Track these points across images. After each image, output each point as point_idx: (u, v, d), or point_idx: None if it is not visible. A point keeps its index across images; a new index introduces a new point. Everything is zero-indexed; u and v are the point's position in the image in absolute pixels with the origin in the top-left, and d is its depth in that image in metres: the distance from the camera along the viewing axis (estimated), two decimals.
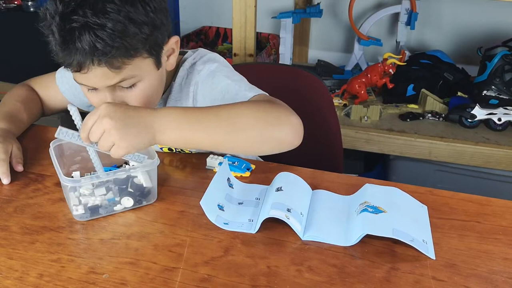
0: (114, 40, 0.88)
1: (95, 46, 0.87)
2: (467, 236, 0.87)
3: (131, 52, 0.91)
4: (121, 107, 0.86)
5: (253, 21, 1.74)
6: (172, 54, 1.04)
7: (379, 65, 1.98)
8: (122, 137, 0.83)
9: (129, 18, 0.89)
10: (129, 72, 0.94)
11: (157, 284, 0.76)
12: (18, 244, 0.83)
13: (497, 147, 1.76)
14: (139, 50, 0.93)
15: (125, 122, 0.84)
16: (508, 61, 1.82)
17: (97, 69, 0.90)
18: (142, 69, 0.96)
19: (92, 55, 0.88)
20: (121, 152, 0.84)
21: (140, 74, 0.96)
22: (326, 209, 0.93)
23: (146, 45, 0.93)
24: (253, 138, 0.92)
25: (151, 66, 0.98)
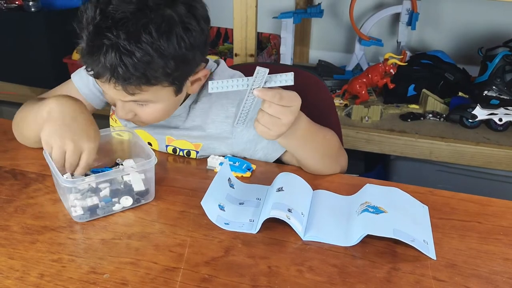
0: (136, 69, 0.87)
1: (116, 68, 0.86)
2: (468, 236, 0.87)
3: (151, 82, 0.90)
4: None
5: (254, 21, 1.74)
6: (197, 82, 1.02)
7: (380, 65, 1.97)
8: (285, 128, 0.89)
9: (159, 52, 0.87)
10: (144, 96, 0.93)
11: (158, 284, 0.76)
12: (19, 244, 0.83)
13: (497, 148, 1.75)
14: (160, 81, 0.92)
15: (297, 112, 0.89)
16: (509, 61, 1.82)
17: (111, 85, 0.90)
18: (158, 96, 0.95)
19: (111, 75, 0.88)
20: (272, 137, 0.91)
21: (155, 99, 0.95)
22: (327, 209, 0.93)
23: (169, 78, 0.92)
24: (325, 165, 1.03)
25: (170, 93, 0.97)
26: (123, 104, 0.97)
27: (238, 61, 1.80)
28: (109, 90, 0.94)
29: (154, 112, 0.98)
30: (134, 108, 0.98)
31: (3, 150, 1.11)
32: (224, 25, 2.45)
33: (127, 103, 0.97)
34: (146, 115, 0.99)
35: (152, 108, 0.97)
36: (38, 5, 2.13)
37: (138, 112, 0.98)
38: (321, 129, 1.03)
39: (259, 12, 1.75)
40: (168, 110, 1.02)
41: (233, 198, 0.94)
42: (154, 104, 0.97)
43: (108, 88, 0.93)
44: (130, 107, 0.98)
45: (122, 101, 0.96)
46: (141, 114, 0.99)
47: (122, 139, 1.02)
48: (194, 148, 1.10)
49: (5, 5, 2.17)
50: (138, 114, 0.99)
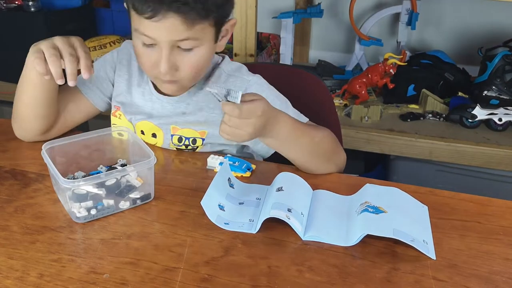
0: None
1: None
2: (468, 236, 0.87)
3: (207, 13, 0.94)
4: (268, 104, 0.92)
5: (254, 21, 1.74)
6: (225, 36, 1.05)
7: (379, 65, 1.97)
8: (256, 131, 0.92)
9: None
10: (196, 33, 0.96)
11: (158, 284, 0.76)
12: (19, 244, 0.83)
13: (497, 147, 1.76)
14: (212, 14, 0.96)
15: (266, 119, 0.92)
16: (509, 61, 1.82)
17: (171, 19, 0.92)
18: (205, 35, 0.98)
19: (172, 1, 0.90)
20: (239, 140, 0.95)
21: (203, 39, 0.98)
22: (327, 209, 0.93)
23: (218, 12, 0.97)
24: (316, 165, 1.04)
25: (212, 36, 1.00)
26: (169, 53, 0.97)
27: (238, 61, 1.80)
28: (162, 29, 0.94)
29: (198, 58, 1.00)
30: (179, 59, 0.99)
31: (3, 150, 1.11)
32: None
33: (173, 52, 0.97)
34: (189, 64, 1.00)
35: (196, 54, 0.99)
36: (38, 5, 2.13)
37: (180, 63, 0.99)
38: (310, 130, 1.03)
39: (259, 12, 1.75)
40: (208, 60, 1.04)
41: (233, 198, 0.94)
42: (198, 49, 0.99)
43: (161, 28, 0.94)
44: (175, 58, 0.98)
45: (170, 49, 0.97)
46: (184, 64, 0.99)
47: (122, 139, 1.02)
48: (200, 136, 1.11)
49: (4, 5, 2.17)
50: (180, 66, 1.00)
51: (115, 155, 1.03)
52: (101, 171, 0.99)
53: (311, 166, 1.04)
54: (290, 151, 1.02)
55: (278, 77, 1.37)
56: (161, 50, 0.97)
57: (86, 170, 1.00)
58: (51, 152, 0.94)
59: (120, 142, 1.02)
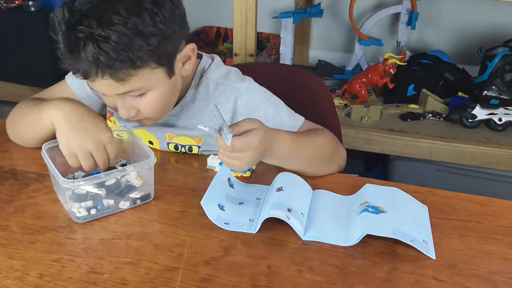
0: (118, 53, 0.86)
1: (98, 58, 0.86)
2: (468, 236, 0.87)
3: (137, 63, 0.89)
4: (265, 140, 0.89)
5: (254, 21, 1.74)
6: (188, 61, 1.01)
7: (379, 65, 1.97)
8: (255, 160, 0.90)
9: (135, 30, 0.87)
10: (136, 84, 0.93)
11: (158, 284, 0.76)
12: (19, 244, 0.83)
13: (497, 147, 1.76)
14: (146, 62, 0.91)
15: (263, 147, 0.90)
16: (509, 61, 1.82)
17: (103, 80, 0.90)
18: (151, 80, 0.94)
19: (96, 67, 0.87)
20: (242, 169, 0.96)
21: (149, 85, 0.95)
22: (327, 209, 0.93)
23: (153, 56, 0.91)
24: (320, 166, 1.04)
25: (162, 75, 0.96)
26: (122, 101, 0.96)
27: (237, 61, 1.81)
28: (102, 87, 0.93)
29: (154, 100, 0.97)
30: (134, 103, 0.97)
31: (3, 150, 1.11)
32: (224, 25, 2.45)
33: (126, 99, 0.96)
34: (148, 106, 0.98)
35: (151, 97, 0.96)
36: (38, 5, 2.13)
37: (139, 106, 0.98)
38: (309, 140, 1.02)
39: (259, 12, 1.75)
40: (168, 96, 1.00)
41: (233, 198, 0.94)
42: (151, 92, 0.96)
43: (100, 86, 0.93)
44: (130, 103, 0.97)
45: (121, 98, 0.96)
46: (143, 107, 0.98)
47: (122, 139, 1.02)
48: (196, 143, 1.10)
49: (4, 5, 2.17)
50: (140, 108, 0.98)
51: None
52: None
53: (313, 172, 1.03)
54: (292, 164, 1.01)
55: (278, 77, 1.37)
56: (115, 99, 0.96)
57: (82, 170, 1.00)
58: (51, 152, 0.94)
59: (120, 142, 1.02)
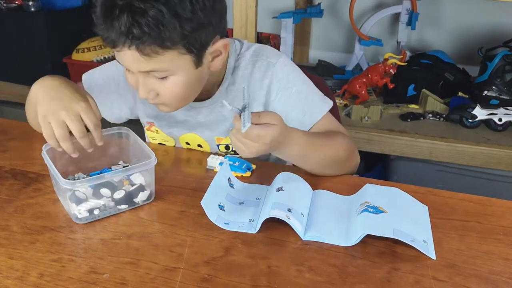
0: (150, 28, 0.86)
1: (130, 28, 0.86)
2: (468, 236, 0.87)
3: (167, 44, 0.89)
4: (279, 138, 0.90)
5: (254, 21, 1.74)
6: (219, 56, 1.00)
7: (379, 65, 1.97)
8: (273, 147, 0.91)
9: (173, 11, 0.86)
10: (162, 64, 0.92)
11: (158, 284, 0.76)
12: (19, 244, 0.83)
13: (497, 148, 1.75)
14: (176, 44, 0.90)
15: (279, 142, 0.90)
16: (509, 61, 1.82)
17: (129, 51, 0.89)
18: (177, 64, 0.93)
19: (126, 37, 0.87)
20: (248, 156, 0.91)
21: (174, 69, 0.94)
22: (327, 209, 0.93)
23: (184, 41, 0.90)
24: (330, 170, 1.05)
25: (189, 63, 0.95)
26: (144, 80, 0.95)
27: None
28: (127, 60, 0.92)
29: (175, 86, 0.96)
30: (155, 85, 0.96)
31: (3, 150, 1.11)
32: None
33: (148, 79, 0.95)
34: (167, 91, 0.96)
35: (173, 82, 0.95)
36: (38, 5, 2.13)
37: (159, 90, 0.96)
38: (324, 143, 1.01)
39: (259, 12, 1.75)
40: (191, 85, 0.98)
41: (233, 198, 0.94)
42: (174, 77, 0.95)
43: (126, 59, 0.92)
44: (151, 85, 0.96)
45: (143, 77, 0.95)
46: (162, 91, 0.96)
47: (122, 139, 1.02)
48: None
49: (5, 5, 2.17)
50: (160, 92, 0.97)
51: (116, 155, 1.03)
52: (108, 170, 0.99)
53: (321, 173, 1.04)
54: (304, 165, 1.01)
55: None
56: (137, 76, 0.95)
57: (87, 170, 1.00)
58: (52, 152, 0.94)
59: (121, 142, 1.02)
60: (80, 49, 2.16)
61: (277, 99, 1.07)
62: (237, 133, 0.87)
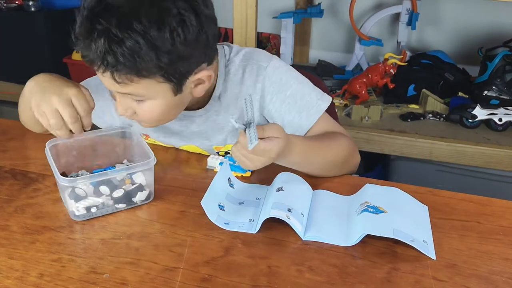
0: (125, 58, 0.84)
1: (105, 55, 0.85)
2: (468, 236, 0.87)
3: (143, 73, 0.88)
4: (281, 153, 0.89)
5: (254, 21, 1.74)
6: (201, 84, 0.98)
7: (380, 65, 1.97)
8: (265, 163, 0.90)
9: (151, 43, 0.84)
10: (138, 90, 0.91)
11: (158, 284, 0.76)
12: (19, 244, 0.83)
13: (497, 147, 1.75)
14: (153, 74, 0.89)
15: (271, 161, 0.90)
16: (509, 61, 1.82)
17: (104, 74, 0.89)
18: (153, 91, 0.92)
19: (101, 62, 0.86)
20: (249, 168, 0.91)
21: (151, 95, 0.93)
22: (327, 209, 0.93)
23: (161, 71, 0.89)
24: (331, 173, 1.04)
25: (167, 90, 0.93)
26: (121, 98, 0.95)
27: None
28: (104, 80, 0.92)
29: (152, 110, 0.95)
30: (133, 105, 0.95)
31: (3, 150, 1.11)
32: (224, 25, 2.45)
33: (125, 98, 0.95)
34: (144, 113, 0.96)
35: (149, 105, 0.95)
36: (38, 5, 2.13)
37: (136, 110, 0.96)
38: (324, 146, 1.01)
39: (259, 12, 1.75)
40: (168, 110, 0.98)
41: (233, 198, 0.94)
42: (151, 101, 0.94)
43: (102, 79, 0.92)
44: (129, 103, 0.95)
45: (120, 95, 0.94)
46: (139, 111, 0.96)
47: (123, 139, 1.02)
48: None
49: (5, 5, 2.17)
50: (137, 112, 0.97)
51: (117, 155, 1.03)
52: (112, 168, 0.99)
53: (320, 175, 1.04)
54: (304, 169, 1.01)
55: None
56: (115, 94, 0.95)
57: (92, 168, 1.00)
58: (56, 149, 0.94)
59: (121, 142, 1.02)
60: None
61: (271, 103, 1.06)
62: (242, 148, 0.87)
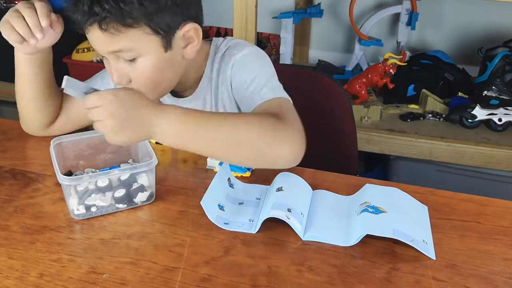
0: (110, 5, 0.87)
1: (91, 7, 0.88)
2: (468, 237, 0.87)
3: (128, 21, 0.89)
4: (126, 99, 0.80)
5: (254, 21, 1.74)
6: (191, 43, 0.99)
7: (379, 65, 1.98)
8: (118, 130, 0.80)
9: None
10: (126, 43, 0.91)
11: (158, 284, 0.76)
12: (19, 244, 0.83)
13: (497, 148, 1.76)
14: (139, 22, 0.90)
15: (125, 116, 0.79)
16: (509, 61, 1.82)
17: (94, 31, 0.91)
18: (142, 44, 0.92)
19: (89, 16, 0.89)
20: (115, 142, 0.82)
21: (140, 49, 0.93)
22: (327, 209, 0.93)
23: (147, 19, 0.90)
24: (248, 155, 0.87)
25: (156, 45, 0.94)
26: (115, 64, 0.95)
27: None
28: (95, 41, 0.93)
29: (145, 69, 0.95)
30: (127, 69, 0.95)
31: (3, 150, 1.11)
32: (224, 25, 2.45)
33: (119, 64, 0.95)
34: (138, 74, 0.95)
35: (142, 65, 0.94)
36: None
37: (131, 75, 0.96)
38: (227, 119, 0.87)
39: (259, 12, 1.75)
40: (161, 69, 0.97)
41: (233, 198, 0.94)
42: (143, 59, 0.94)
43: (94, 40, 0.93)
44: (122, 68, 0.95)
45: (114, 60, 0.95)
46: (133, 75, 0.96)
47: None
48: None
49: (4, 5, 2.17)
50: (131, 77, 0.96)
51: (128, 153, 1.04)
52: (117, 167, 0.99)
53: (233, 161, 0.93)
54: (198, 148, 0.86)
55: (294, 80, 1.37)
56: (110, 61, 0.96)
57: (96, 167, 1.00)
58: (61, 148, 0.95)
59: None
60: (80, 49, 2.16)
61: (233, 85, 1.05)
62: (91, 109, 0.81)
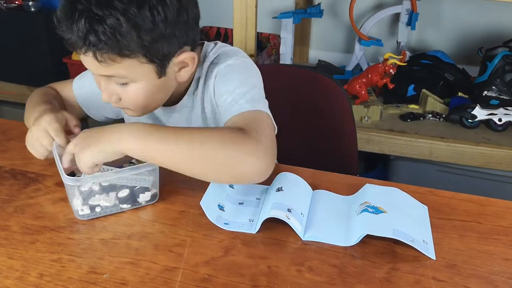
0: (107, 36, 0.85)
1: (87, 35, 0.85)
2: (468, 237, 0.87)
3: (125, 52, 0.88)
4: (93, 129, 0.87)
5: (254, 21, 1.74)
6: (185, 67, 0.98)
7: (379, 65, 1.97)
8: (83, 148, 0.85)
9: (132, 21, 0.85)
10: (120, 71, 0.91)
11: (158, 284, 0.76)
12: (19, 244, 0.83)
13: (497, 148, 1.76)
14: (135, 53, 0.89)
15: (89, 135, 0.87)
16: (509, 61, 1.82)
17: (88, 55, 0.89)
18: (136, 72, 0.92)
19: (83, 43, 0.86)
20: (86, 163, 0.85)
21: (134, 76, 0.92)
22: (327, 209, 0.93)
23: (143, 50, 0.89)
24: (208, 169, 0.87)
25: (150, 72, 0.93)
26: (106, 84, 0.95)
27: None
28: (87, 63, 0.92)
29: (137, 94, 0.95)
30: (117, 90, 0.95)
31: (3, 150, 1.11)
32: (224, 25, 2.45)
33: (109, 84, 0.94)
34: (128, 97, 0.95)
35: (134, 89, 0.94)
36: (38, 5, 2.13)
37: (121, 95, 0.96)
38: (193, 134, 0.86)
39: (259, 12, 1.75)
40: (153, 94, 0.97)
41: (233, 198, 0.94)
42: (135, 84, 0.94)
43: (86, 62, 0.92)
44: (113, 89, 0.95)
45: (105, 80, 0.94)
46: (124, 96, 0.96)
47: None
48: None
49: (5, 5, 2.17)
50: (122, 97, 0.96)
51: None
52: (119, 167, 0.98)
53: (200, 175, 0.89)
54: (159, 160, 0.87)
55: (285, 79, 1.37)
56: (101, 80, 0.95)
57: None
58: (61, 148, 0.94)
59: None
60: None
61: (216, 95, 1.02)
62: None
